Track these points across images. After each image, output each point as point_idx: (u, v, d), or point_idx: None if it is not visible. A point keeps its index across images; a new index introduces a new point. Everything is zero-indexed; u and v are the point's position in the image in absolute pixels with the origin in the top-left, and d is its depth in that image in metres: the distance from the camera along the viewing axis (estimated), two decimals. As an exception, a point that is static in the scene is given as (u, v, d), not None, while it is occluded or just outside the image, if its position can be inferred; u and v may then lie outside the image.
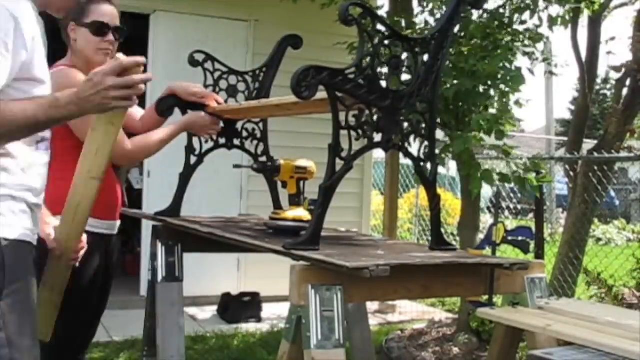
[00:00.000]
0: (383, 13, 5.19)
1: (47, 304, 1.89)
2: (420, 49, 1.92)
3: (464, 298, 3.93)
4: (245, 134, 2.62)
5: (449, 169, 9.03)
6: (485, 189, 4.05)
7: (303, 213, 2.19)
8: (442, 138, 4.07)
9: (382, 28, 1.85)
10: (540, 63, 4.38)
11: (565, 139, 8.04)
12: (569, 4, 4.16)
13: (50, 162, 1.71)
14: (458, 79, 3.77)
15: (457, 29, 3.20)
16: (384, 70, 1.86)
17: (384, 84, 1.84)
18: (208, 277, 5.26)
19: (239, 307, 5.28)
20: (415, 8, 4.80)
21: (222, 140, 2.55)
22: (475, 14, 3.94)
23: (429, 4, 4.33)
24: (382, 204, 6.30)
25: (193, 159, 2.49)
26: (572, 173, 4.75)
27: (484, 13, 3.99)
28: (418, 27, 4.36)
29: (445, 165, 8.22)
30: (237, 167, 2.56)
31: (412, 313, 5.76)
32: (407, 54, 1.92)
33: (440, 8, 4.19)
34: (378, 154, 7.70)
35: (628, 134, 4.45)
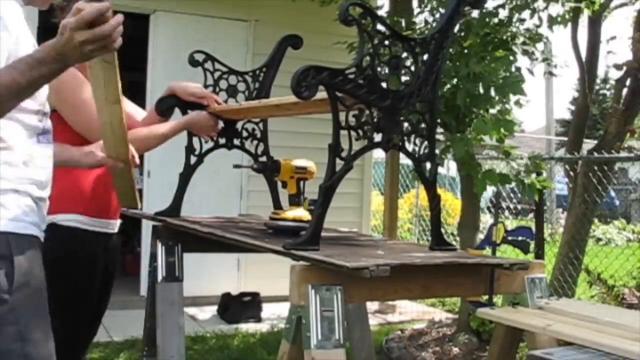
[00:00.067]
0: (383, 13, 5.19)
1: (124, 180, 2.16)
2: (420, 49, 1.91)
3: (464, 298, 3.94)
4: (245, 134, 2.61)
5: (449, 169, 9.03)
6: (486, 189, 4.05)
7: (303, 213, 2.18)
8: (442, 138, 4.07)
9: (382, 28, 1.85)
10: (540, 63, 4.38)
11: (565, 139, 8.04)
12: (569, 3, 4.16)
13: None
14: (458, 80, 3.77)
15: (457, 29, 3.20)
16: (384, 71, 1.86)
17: (384, 84, 1.84)
18: (208, 277, 5.26)
19: (239, 307, 5.28)
20: (415, 8, 4.80)
21: (222, 140, 2.54)
22: (475, 14, 3.93)
23: (429, 4, 4.34)
24: (382, 204, 6.31)
25: (193, 159, 2.49)
26: (572, 173, 4.75)
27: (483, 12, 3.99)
28: (418, 27, 4.36)
29: (445, 165, 8.22)
30: (237, 167, 2.56)
31: (412, 313, 5.76)
32: (407, 54, 1.92)
33: (438, 9, 4.18)
34: (378, 154, 7.70)
35: (628, 134, 4.45)
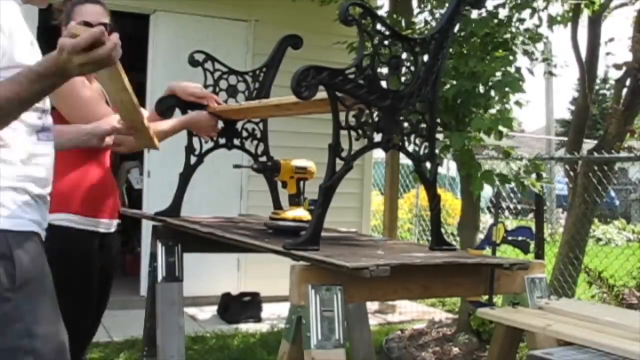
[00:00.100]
0: (383, 13, 5.19)
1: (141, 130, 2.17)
2: (420, 49, 1.91)
3: (464, 298, 3.93)
4: (245, 134, 2.61)
5: (449, 169, 9.03)
6: (486, 189, 4.05)
7: (303, 213, 2.18)
8: (442, 138, 4.08)
9: (382, 28, 1.85)
10: (540, 63, 4.38)
11: (565, 139, 8.04)
12: (570, 2, 4.16)
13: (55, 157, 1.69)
14: (458, 80, 3.77)
15: (456, 29, 3.20)
16: (384, 70, 1.86)
17: (384, 84, 1.84)
18: (208, 277, 5.26)
19: (239, 307, 5.28)
20: (415, 8, 4.80)
21: (222, 140, 2.55)
22: (475, 14, 3.94)
23: (429, 4, 4.34)
24: (382, 204, 6.30)
25: (193, 159, 2.49)
26: (572, 173, 4.75)
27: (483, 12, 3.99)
28: (418, 26, 4.36)
29: (445, 165, 8.22)
30: (237, 167, 2.56)
31: (412, 313, 5.75)
32: (407, 54, 1.92)
33: (439, 8, 4.18)
34: (378, 154, 7.70)
35: (628, 134, 4.44)
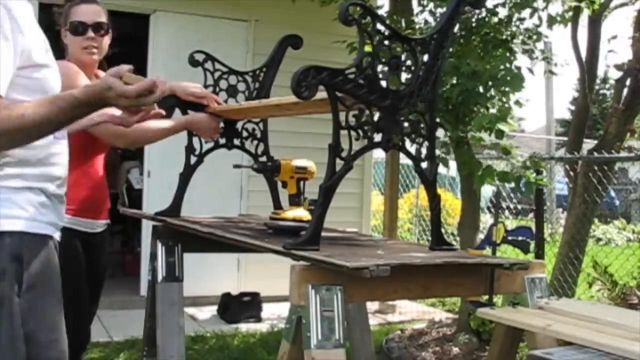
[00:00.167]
0: (383, 13, 5.19)
1: None
2: (421, 49, 1.91)
3: (464, 298, 3.93)
4: (245, 134, 2.61)
5: (449, 169, 9.02)
6: (486, 189, 4.05)
7: (303, 213, 2.19)
8: (442, 137, 4.07)
9: (382, 28, 1.85)
10: (540, 62, 4.38)
11: (565, 139, 8.03)
12: (569, 2, 4.16)
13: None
14: (458, 79, 3.77)
15: (456, 28, 3.20)
16: (384, 70, 1.86)
17: (384, 84, 1.84)
18: (208, 277, 5.26)
19: (239, 307, 5.28)
20: (415, 7, 4.80)
21: (222, 140, 2.55)
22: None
23: (429, 4, 4.33)
24: (382, 204, 6.30)
25: (193, 159, 2.49)
26: (572, 173, 4.75)
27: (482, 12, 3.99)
28: (418, 26, 4.36)
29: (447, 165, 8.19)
30: (237, 167, 2.56)
31: (412, 313, 5.75)
32: (407, 54, 1.92)
33: (438, 10, 4.19)
34: (378, 154, 7.69)
35: (628, 134, 4.44)
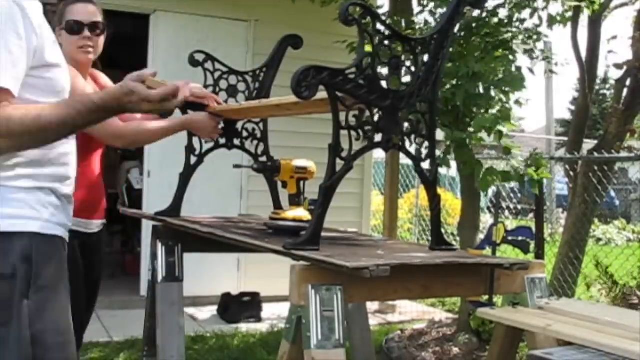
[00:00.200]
0: (383, 13, 5.19)
1: None
2: (421, 49, 1.91)
3: (464, 298, 3.93)
4: (245, 134, 2.61)
5: (449, 169, 9.02)
6: (486, 189, 4.04)
7: (303, 213, 2.18)
8: (442, 138, 4.07)
9: (382, 28, 1.85)
10: (540, 62, 4.38)
11: (565, 139, 8.04)
12: (569, 2, 4.16)
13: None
14: (458, 82, 3.77)
15: (456, 29, 3.20)
16: (385, 71, 1.86)
17: (384, 84, 1.84)
18: (208, 277, 5.26)
19: (239, 307, 5.28)
20: (415, 8, 4.80)
21: (222, 140, 2.55)
22: (475, 14, 3.94)
23: (429, 4, 4.34)
24: (382, 204, 6.31)
25: (193, 159, 2.49)
26: (572, 173, 4.75)
27: (483, 12, 3.99)
28: (418, 27, 4.36)
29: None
30: (237, 167, 2.56)
31: (412, 313, 5.75)
32: (407, 54, 1.92)
33: (439, 9, 4.18)
34: (378, 154, 7.70)
35: (628, 134, 4.45)
